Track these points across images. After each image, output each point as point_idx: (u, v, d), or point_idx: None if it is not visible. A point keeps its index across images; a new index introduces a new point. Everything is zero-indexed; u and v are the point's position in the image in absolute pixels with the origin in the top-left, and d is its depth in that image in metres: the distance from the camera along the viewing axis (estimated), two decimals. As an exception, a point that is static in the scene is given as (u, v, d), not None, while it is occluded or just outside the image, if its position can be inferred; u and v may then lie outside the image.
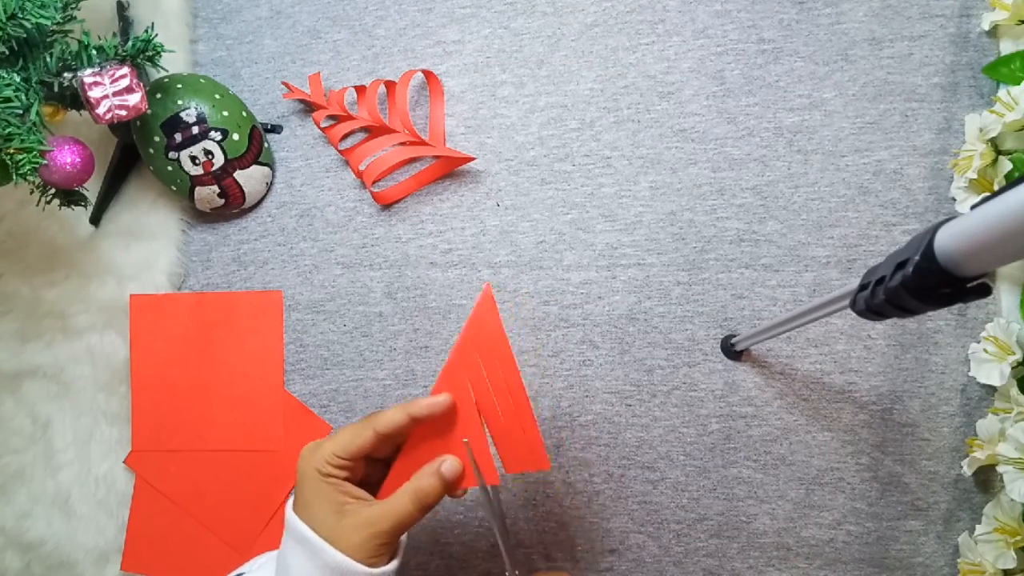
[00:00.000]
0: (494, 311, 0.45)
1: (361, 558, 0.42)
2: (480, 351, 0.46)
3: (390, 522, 0.43)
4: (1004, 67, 0.60)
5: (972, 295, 0.32)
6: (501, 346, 0.45)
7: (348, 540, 0.42)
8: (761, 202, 0.63)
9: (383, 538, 0.43)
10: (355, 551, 0.42)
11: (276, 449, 0.67)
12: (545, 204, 0.66)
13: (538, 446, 0.45)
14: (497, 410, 0.45)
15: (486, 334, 0.45)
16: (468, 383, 0.46)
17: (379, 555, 0.43)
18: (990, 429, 0.56)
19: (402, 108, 0.66)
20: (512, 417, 0.45)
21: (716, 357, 0.62)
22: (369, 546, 0.42)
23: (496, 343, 0.45)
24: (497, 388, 0.45)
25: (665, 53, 0.66)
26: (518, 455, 0.46)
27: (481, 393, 0.46)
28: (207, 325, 0.69)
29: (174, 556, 0.67)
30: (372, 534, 0.43)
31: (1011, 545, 0.54)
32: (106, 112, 0.56)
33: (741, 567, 0.61)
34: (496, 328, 0.45)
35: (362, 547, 0.42)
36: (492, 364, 0.45)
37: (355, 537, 0.42)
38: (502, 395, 0.45)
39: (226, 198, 0.67)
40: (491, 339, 0.45)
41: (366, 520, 0.43)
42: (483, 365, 0.45)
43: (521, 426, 0.45)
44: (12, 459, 0.70)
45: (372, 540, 0.42)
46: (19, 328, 0.71)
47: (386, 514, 0.43)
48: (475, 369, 0.46)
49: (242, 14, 0.72)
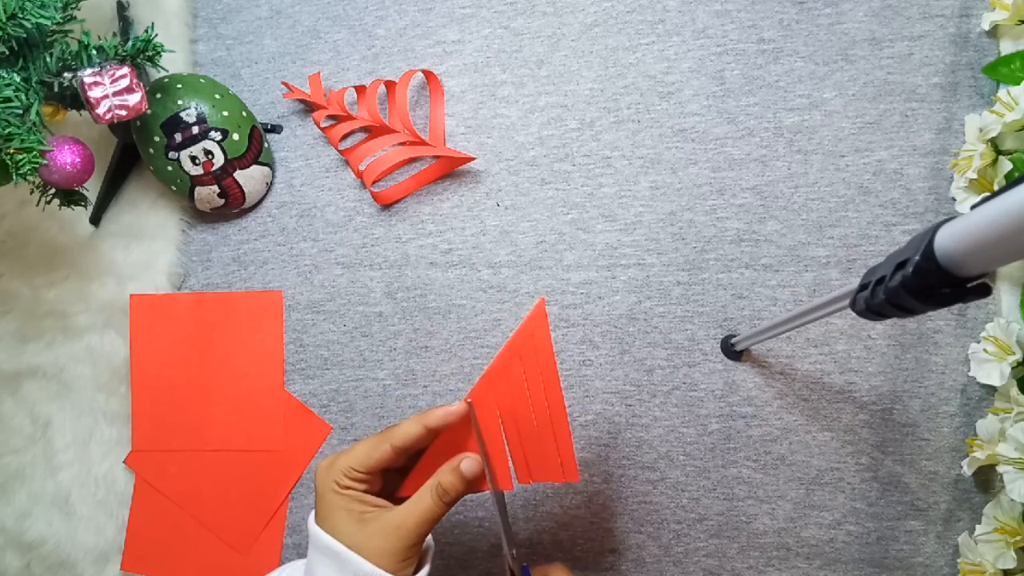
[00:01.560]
0: (545, 325, 0.46)
1: (389, 565, 0.41)
2: (524, 362, 0.46)
3: (414, 520, 0.43)
4: (1004, 67, 0.60)
5: (972, 295, 0.32)
6: (547, 360, 0.46)
7: (374, 547, 0.42)
8: (761, 202, 0.63)
9: (410, 538, 0.42)
10: (382, 558, 0.41)
11: (276, 449, 0.67)
12: (545, 204, 0.66)
13: (570, 460, 0.46)
14: (533, 420, 0.46)
15: (534, 346, 0.46)
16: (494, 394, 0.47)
17: (406, 559, 0.42)
18: (990, 429, 0.56)
19: (402, 108, 0.66)
20: (547, 429, 0.46)
21: (716, 357, 0.62)
22: (396, 549, 0.42)
23: (542, 356, 0.46)
24: (536, 399, 0.46)
25: (665, 53, 0.66)
26: (549, 466, 0.47)
27: (519, 402, 0.47)
28: (207, 325, 0.69)
29: (174, 556, 0.67)
30: (398, 536, 0.42)
31: (1011, 545, 0.54)
32: (106, 112, 0.56)
33: (741, 567, 0.61)
34: (545, 342, 0.46)
35: (389, 552, 0.42)
36: (534, 376, 0.46)
37: (382, 543, 0.42)
38: (540, 407, 0.46)
39: (226, 198, 0.67)
40: (538, 351, 0.46)
41: (390, 523, 0.43)
42: (525, 376, 0.46)
43: (555, 439, 0.46)
44: (12, 459, 0.70)
45: (399, 542, 0.42)
46: (19, 328, 0.71)
47: (409, 514, 0.43)
48: (516, 378, 0.46)
49: (242, 14, 0.72)
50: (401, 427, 0.45)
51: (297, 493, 0.67)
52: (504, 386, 0.47)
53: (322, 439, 0.67)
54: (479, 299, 0.66)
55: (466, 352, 0.66)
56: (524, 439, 0.47)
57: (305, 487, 0.67)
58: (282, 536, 0.67)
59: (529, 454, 0.47)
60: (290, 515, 0.67)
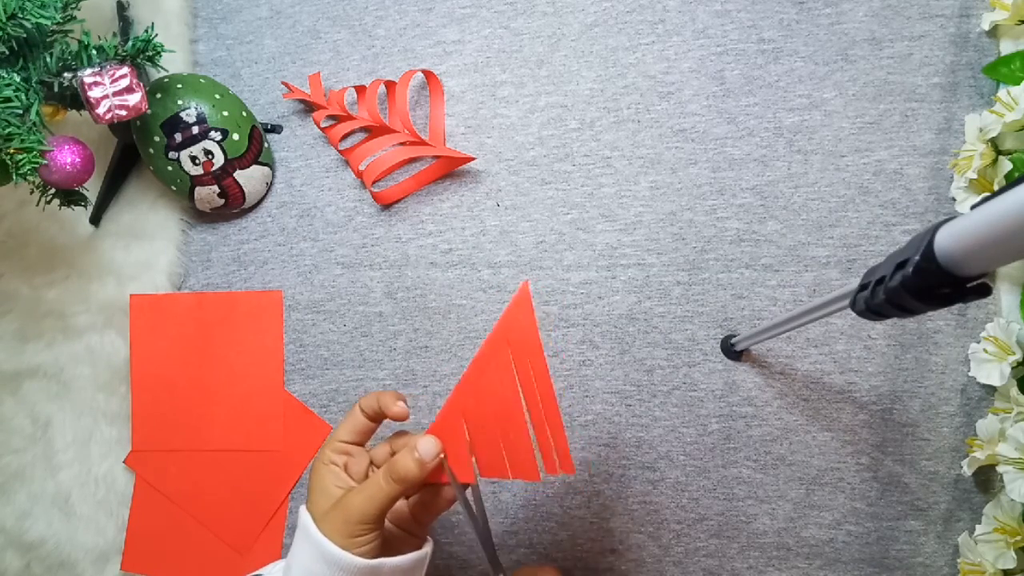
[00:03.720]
0: (529, 309, 0.44)
1: (338, 539, 0.42)
2: (512, 347, 0.45)
3: (362, 498, 0.43)
4: (1004, 67, 0.60)
5: (972, 295, 0.32)
6: (533, 345, 0.44)
7: (331, 520, 0.43)
8: (761, 202, 0.63)
9: (357, 515, 0.42)
10: (333, 531, 0.42)
11: (276, 449, 0.67)
12: (545, 204, 0.66)
13: (564, 451, 0.44)
14: (524, 410, 0.45)
15: (519, 331, 0.44)
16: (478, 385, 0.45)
17: (355, 536, 0.42)
18: (990, 429, 0.56)
19: (402, 108, 0.66)
20: (539, 419, 0.44)
21: (716, 357, 0.62)
22: (345, 523, 0.42)
23: (529, 343, 0.44)
24: (527, 388, 0.44)
25: (665, 53, 0.66)
26: (544, 458, 0.45)
27: (508, 391, 0.45)
28: (207, 325, 0.69)
29: (174, 556, 0.67)
30: (349, 512, 0.43)
31: (1011, 545, 0.54)
32: (106, 112, 0.56)
33: (741, 567, 0.61)
34: (530, 326, 0.44)
35: (339, 527, 0.42)
36: (523, 363, 0.44)
37: (336, 517, 0.43)
38: (531, 395, 0.44)
39: (226, 198, 0.67)
40: (524, 337, 0.44)
41: (345, 500, 0.43)
42: (514, 363, 0.45)
43: (548, 429, 0.44)
44: (12, 459, 0.70)
45: (350, 518, 0.42)
46: (19, 328, 0.71)
47: (360, 491, 0.43)
48: (504, 366, 0.45)
49: (242, 14, 0.72)
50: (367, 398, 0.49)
51: (297, 493, 0.67)
52: (492, 374, 0.45)
53: (322, 439, 0.67)
54: (479, 299, 0.66)
55: (466, 352, 0.66)
56: (513, 429, 0.45)
57: (305, 487, 0.67)
58: (282, 536, 0.67)
59: (518, 445, 0.45)
60: (290, 515, 0.67)
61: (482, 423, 0.46)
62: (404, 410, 0.47)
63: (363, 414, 0.49)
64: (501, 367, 0.45)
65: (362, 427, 0.49)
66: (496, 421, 0.45)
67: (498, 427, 0.45)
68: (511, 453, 0.45)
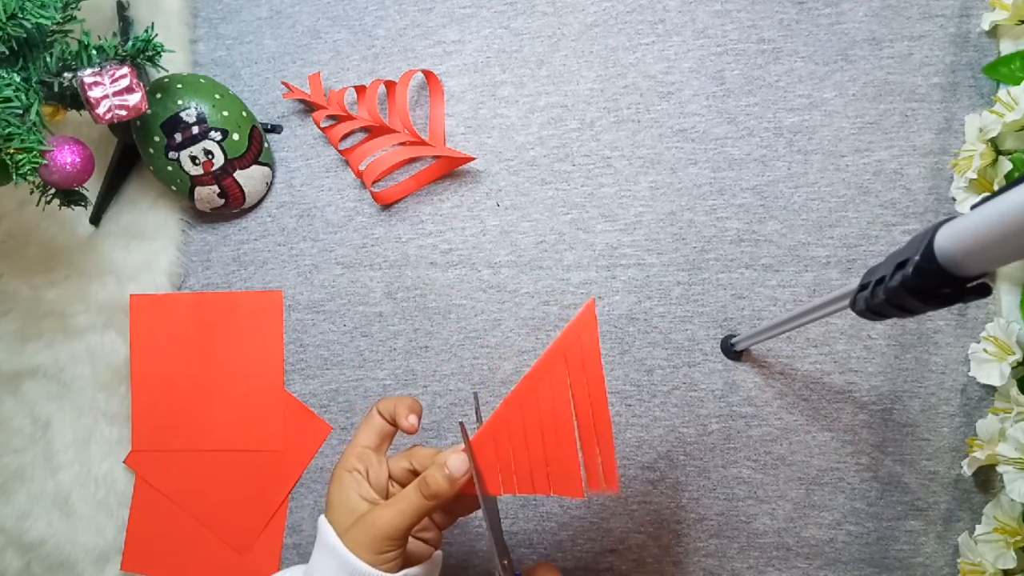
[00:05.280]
0: (594, 328, 0.43)
1: (365, 555, 0.42)
2: (569, 364, 0.44)
3: (391, 514, 0.43)
4: (1004, 67, 0.60)
5: (972, 295, 0.32)
6: (593, 364, 0.43)
7: (358, 540, 0.42)
8: (761, 202, 0.63)
9: (385, 531, 0.42)
10: (359, 547, 0.42)
11: (276, 449, 0.67)
12: (545, 204, 0.66)
13: (611, 469, 0.43)
14: (575, 427, 0.44)
15: (580, 348, 0.44)
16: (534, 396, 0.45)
17: (382, 552, 0.42)
18: (990, 429, 0.56)
19: (402, 108, 0.66)
20: (590, 435, 0.44)
21: (716, 357, 0.62)
22: (373, 540, 0.42)
23: (589, 359, 0.43)
24: (580, 405, 0.44)
25: (665, 53, 0.66)
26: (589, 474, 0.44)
27: (560, 406, 0.44)
28: (207, 325, 0.69)
29: (174, 556, 0.67)
30: (376, 528, 0.42)
31: (1011, 545, 0.54)
32: (106, 112, 0.56)
33: (741, 567, 0.61)
34: (592, 345, 0.43)
35: (366, 543, 0.42)
36: (579, 380, 0.44)
37: (364, 537, 0.42)
38: (583, 413, 0.44)
39: (226, 198, 0.67)
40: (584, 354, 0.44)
41: (373, 515, 0.43)
42: (570, 379, 0.44)
43: (598, 446, 0.43)
44: (12, 459, 0.70)
45: (377, 534, 0.42)
46: (19, 328, 0.71)
47: (390, 507, 0.43)
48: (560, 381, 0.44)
49: (242, 14, 0.72)
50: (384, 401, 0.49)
51: (297, 493, 0.67)
52: (547, 388, 0.45)
53: (322, 439, 0.67)
54: (479, 299, 0.66)
55: (466, 352, 0.66)
56: (560, 446, 0.44)
57: (305, 487, 0.67)
58: (282, 536, 0.67)
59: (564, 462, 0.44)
60: (290, 515, 0.67)
61: (527, 438, 0.45)
62: (413, 425, 0.47)
63: (381, 417, 0.48)
64: (556, 384, 0.44)
65: (383, 431, 0.48)
66: (543, 436, 0.45)
67: (545, 443, 0.45)
68: (555, 469, 0.45)
